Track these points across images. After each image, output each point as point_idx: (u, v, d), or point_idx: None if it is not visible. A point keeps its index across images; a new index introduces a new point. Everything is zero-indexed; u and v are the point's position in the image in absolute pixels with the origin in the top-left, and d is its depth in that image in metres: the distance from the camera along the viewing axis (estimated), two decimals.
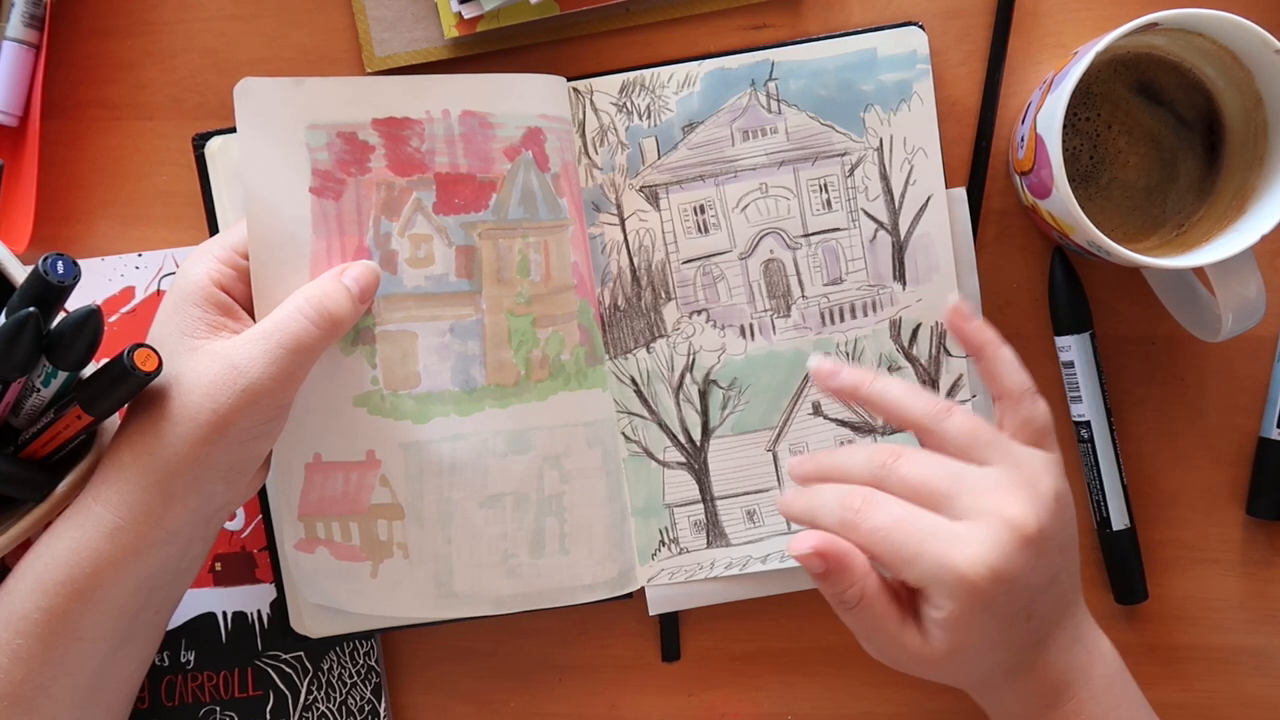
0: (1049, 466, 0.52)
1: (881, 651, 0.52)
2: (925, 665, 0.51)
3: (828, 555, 0.50)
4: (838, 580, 0.50)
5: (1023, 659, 0.51)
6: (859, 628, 0.52)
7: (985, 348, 0.54)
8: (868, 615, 0.50)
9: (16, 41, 0.59)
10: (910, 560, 0.49)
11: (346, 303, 0.53)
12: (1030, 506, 0.49)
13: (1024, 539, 0.48)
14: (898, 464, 0.51)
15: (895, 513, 0.50)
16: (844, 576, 0.50)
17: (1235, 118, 0.58)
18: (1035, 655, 0.51)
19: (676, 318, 0.61)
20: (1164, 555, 0.63)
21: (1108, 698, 0.52)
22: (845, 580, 0.50)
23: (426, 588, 0.58)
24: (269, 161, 0.54)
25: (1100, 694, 0.52)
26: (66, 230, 0.62)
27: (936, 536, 0.48)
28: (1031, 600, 0.50)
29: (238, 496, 0.54)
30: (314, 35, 0.61)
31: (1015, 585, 0.48)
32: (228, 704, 0.61)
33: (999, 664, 0.51)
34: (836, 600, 0.51)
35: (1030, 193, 0.58)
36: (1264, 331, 0.62)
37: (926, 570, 0.48)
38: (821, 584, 0.51)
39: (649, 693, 0.63)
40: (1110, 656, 0.53)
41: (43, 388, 0.50)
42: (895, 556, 0.49)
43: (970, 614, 0.49)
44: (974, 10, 0.62)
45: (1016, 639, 0.50)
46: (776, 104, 0.60)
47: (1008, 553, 0.48)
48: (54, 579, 0.49)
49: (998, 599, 0.48)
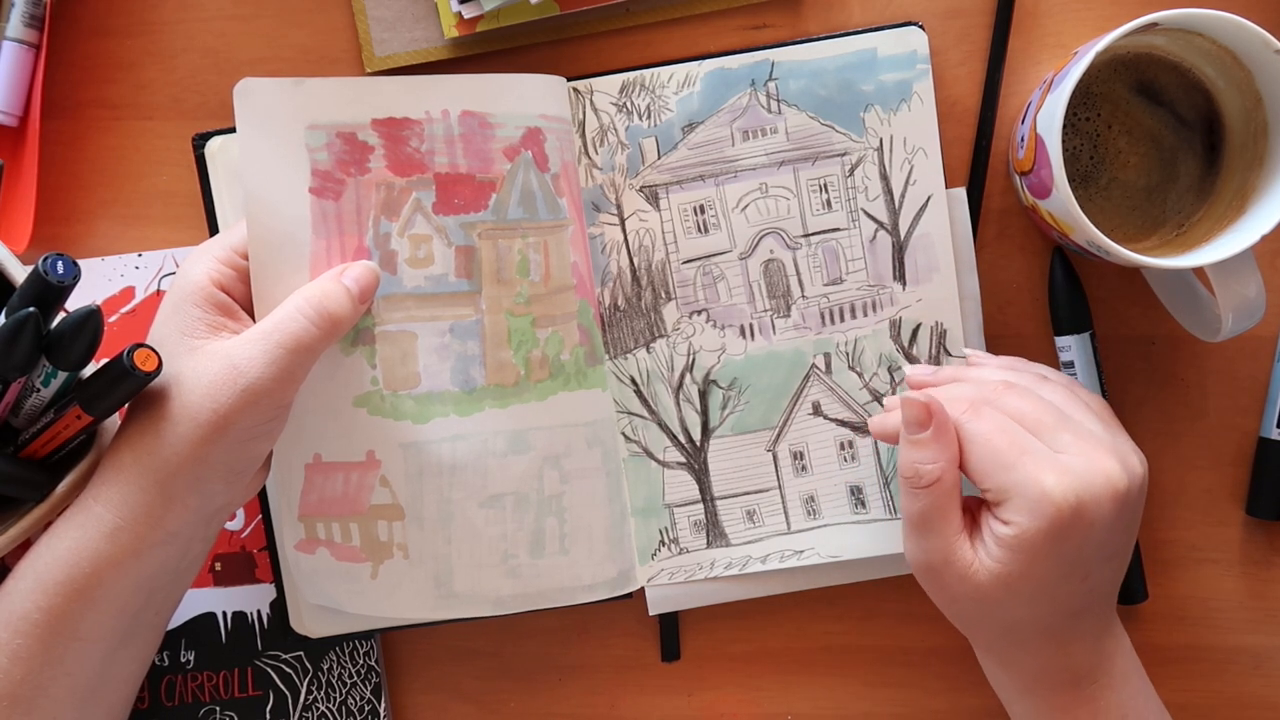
0: (1138, 455, 0.52)
1: (926, 554, 0.51)
2: (964, 585, 0.50)
3: (936, 411, 0.50)
4: (931, 444, 0.50)
5: (1062, 624, 0.51)
6: (919, 516, 0.51)
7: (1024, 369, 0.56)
8: (936, 500, 0.50)
9: (16, 41, 0.59)
10: (1007, 466, 0.49)
11: (346, 303, 0.53)
12: (1124, 470, 0.50)
13: (1114, 493, 0.49)
14: (1009, 392, 0.51)
15: (1002, 423, 0.50)
16: (938, 442, 0.50)
17: (1235, 118, 0.58)
18: (1073, 627, 0.51)
19: (676, 318, 0.61)
20: (1164, 555, 0.63)
21: (1125, 690, 0.52)
22: (937, 447, 0.50)
23: (427, 588, 0.58)
24: (269, 162, 0.54)
25: (1119, 686, 0.52)
26: (66, 230, 0.62)
27: (1036, 455, 0.49)
28: (1092, 561, 0.50)
29: (238, 497, 0.54)
30: (314, 35, 0.61)
31: (1089, 533, 0.49)
32: (228, 704, 0.61)
33: (1037, 618, 0.51)
34: (915, 471, 0.50)
35: (1030, 193, 0.58)
36: (1264, 331, 0.62)
37: (1017, 480, 0.48)
38: (912, 447, 0.50)
39: (649, 693, 0.63)
40: (1131, 654, 0.54)
41: (43, 388, 0.51)
42: (993, 461, 0.49)
43: (1040, 539, 0.48)
44: (974, 10, 0.62)
45: (1065, 596, 0.50)
46: (776, 104, 0.60)
47: (1097, 495, 0.49)
48: (54, 579, 0.49)
49: (1070, 538, 0.48)
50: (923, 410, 0.50)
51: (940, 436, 0.50)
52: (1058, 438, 0.50)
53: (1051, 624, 0.51)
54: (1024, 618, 0.51)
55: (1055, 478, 0.48)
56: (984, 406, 0.51)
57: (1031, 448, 0.49)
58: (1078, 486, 0.48)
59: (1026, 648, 0.52)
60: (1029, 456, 0.49)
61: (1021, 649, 0.52)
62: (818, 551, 0.61)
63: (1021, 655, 0.53)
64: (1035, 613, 0.51)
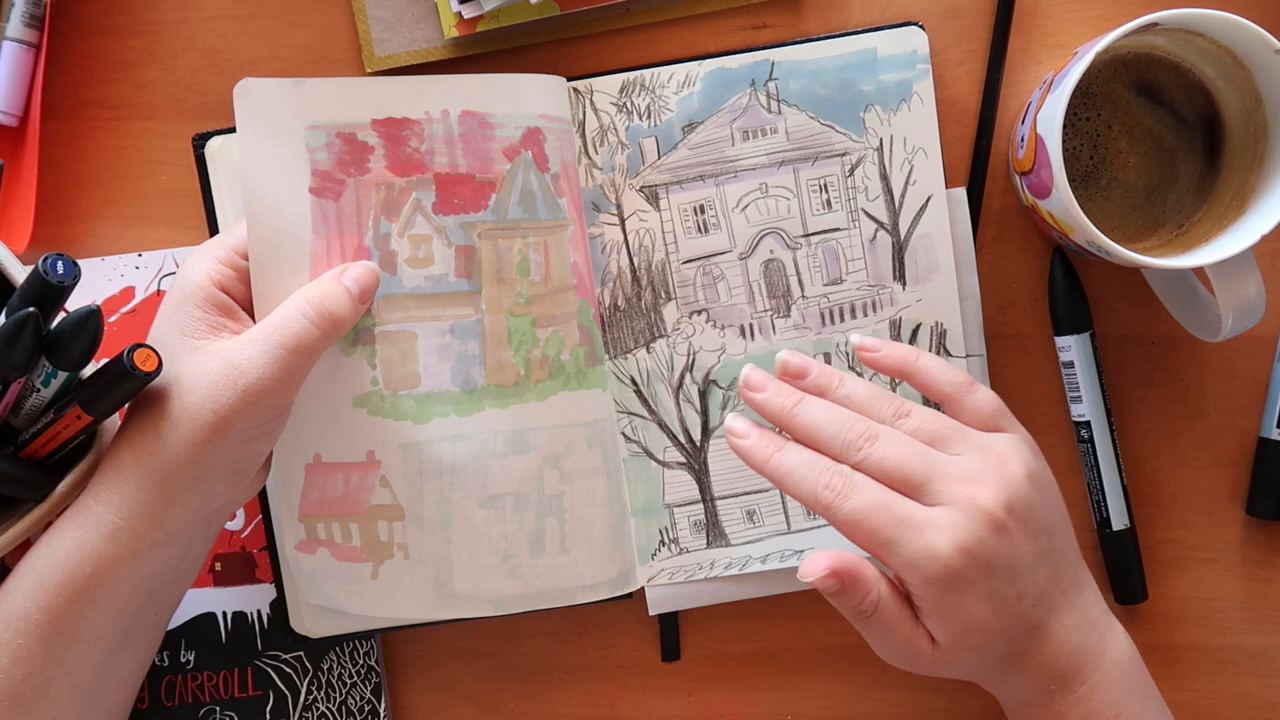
0: (1016, 446, 0.52)
1: (897, 656, 0.52)
2: (938, 663, 0.52)
3: (842, 573, 0.50)
4: (854, 593, 0.51)
5: (1024, 643, 0.51)
6: (875, 636, 0.52)
7: (904, 363, 0.55)
8: (884, 621, 0.51)
9: (16, 41, 0.59)
10: (887, 544, 0.49)
11: (346, 303, 0.53)
12: (998, 489, 0.50)
13: (993, 521, 0.49)
14: (873, 448, 0.51)
15: (873, 496, 0.50)
16: (859, 588, 0.51)
17: (1235, 118, 0.58)
18: (1037, 639, 0.51)
19: (676, 318, 0.61)
20: (1164, 555, 0.63)
21: (1119, 684, 0.52)
22: (860, 591, 0.51)
23: (427, 589, 0.58)
24: (269, 162, 0.54)
25: (1112, 680, 0.52)
26: (66, 230, 0.62)
27: (911, 522, 0.49)
28: (1018, 581, 0.50)
29: (238, 497, 0.54)
30: (314, 35, 0.61)
31: (993, 566, 0.49)
32: (228, 704, 0.61)
33: (1000, 651, 0.51)
34: (854, 612, 0.51)
35: (1030, 193, 0.58)
36: (1264, 331, 0.62)
37: (904, 555, 0.49)
38: (838, 600, 0.51)
39: (649, 693, 0.63)
40: (1124, 644, 0.53)
41: (43, 388, 0.50)
42: (872, 540, 0.50)
43: (951, 597, 0.49)
44: (974, 10, 0.62)
45: (1011, 622, 0.51)
46: (776, 104, 0.60)
47: (978, 535, 0.49)
48: (54, 579, 0.49)
49: (976, 581, 0.49)
50: (831, 580, 0.50)
51: (857, 580, 0.51)
52: (928, 490, 0.50)
53: (1018, 648, 0.52)
54: (991, 656, 0.52)
55: (934, 538, 0.49)
56: (852, 478, 0.50)
57: (906, 515, 0.50)
58: (957, 538, 0.49)
59: (1009, 675, 0.53)
60: (905, 527, 0.49)
61: (1005, 678, 0.53)
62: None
63: (1008, 683, 0.53)
64: (996, 647, 0.51)
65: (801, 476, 0.51)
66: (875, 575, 0.51)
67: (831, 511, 0.50)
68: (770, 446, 0.53)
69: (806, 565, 0.51)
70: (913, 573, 0.49)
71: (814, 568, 0.51)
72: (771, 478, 0.53)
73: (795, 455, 0.52)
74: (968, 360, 0.61)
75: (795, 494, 0.52)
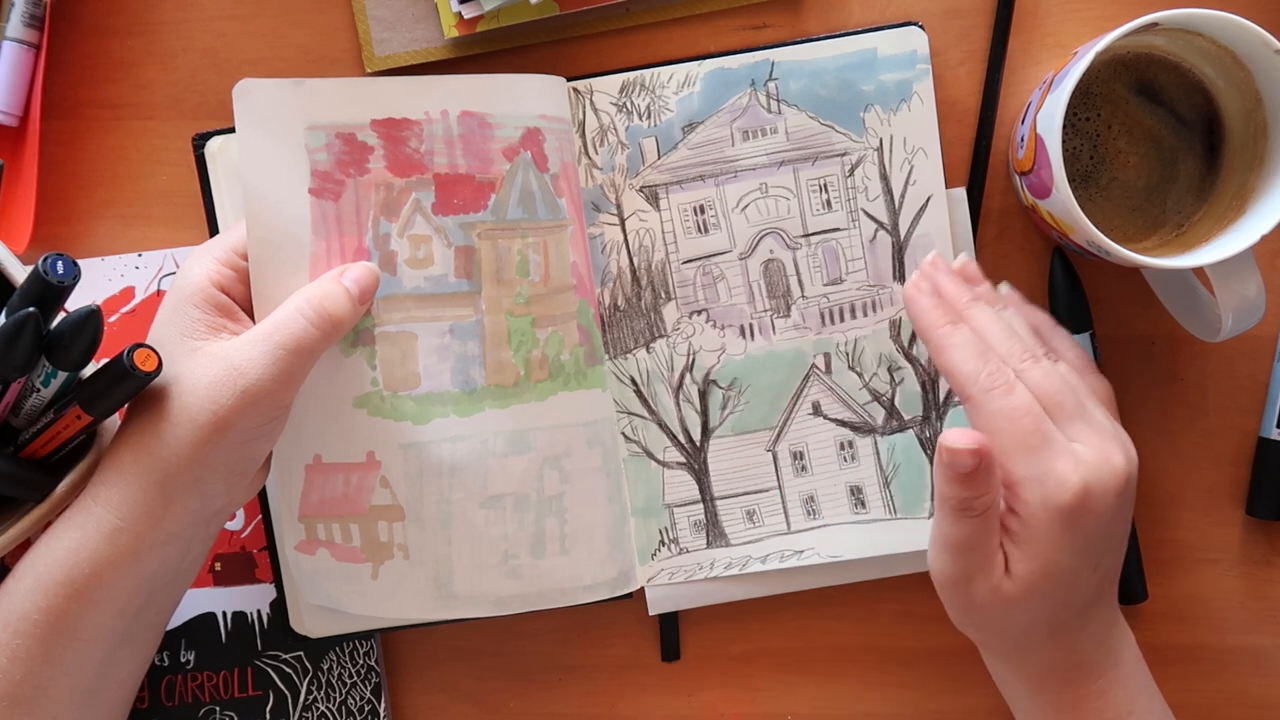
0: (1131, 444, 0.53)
1: (962, 569, 0.51)
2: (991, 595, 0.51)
3: (983, 454, 0.49)
4: (980, 481, 0.49)
5: (1072, 621, 0.52)
6: (963, 539, 0.50)
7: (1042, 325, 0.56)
8: (984, 524, 0.50)
9: (16, 41, 0.59)
10: (1029, 450, 0.49)
11: (346, 303, 0.53)
12: (1127, 461, 0.51)
13: (1119, 484, 0.50)
14: (1033, 368, 0.51)
15: (1031, 403, 0.50)
16: (987, 478, 0.49)
17: (1235, 118, 0.58)
18: (1082, 623, 0.52)
19: (676, 318, 0.61)
20: (1164, 555, 0.63)
21: (1132, 684, 0.53)
22: (986, 482, 0.49)
23: (427, 589, 0.58)
24: (268, 162, 0.54)
25: (1126, 680, 0.53)
26: (66, 230, 0.62)
27: (1056, 443, 0.50)
28: (1101, 551, 0.51)
29: (238, 498, 0.54)
30: (314, 35, 0.61)
31: (1098, 522, 0.50)
32: (228, 704, 0.61)
33: (1051, 617, 0.51)
34: (966, 504, 0.50)
35: (1030, 193, 0.58)
36: (1264, 331, 0.62)
37: (1038, 469, 0.49)
38: (960, 485, 0.49)
39: (649, 693, 0.63)
40: (1135, 648, 0.54)
41: (43, 388, 0.51)
42: (1016, 442, 0.50)
43: (1054, 531, 0.49)
44: (974, 10, 0.61)
45: (1079, 588, 0.51)
46: (776, 104, 0.60)
47: (1105, 485, 0.49)
48: (54, 579, 0.50)
49: (1081, 526, 0.49)
50: (969, 457, 0.49)
51: (990, 470, 0.49)
52: (1072, 425, 0.51)
53: (1063, 621, 0.52)
54: (1039, 619, 0.51)
55: (1070, 465, 0.49)
56: (1017, 382, 0.51)
57: (1051, 434, 0.50)
58: (1088, 475, 0.49)
59: (1039, 649, 0.53)
60: (1049, 443, 0.50)
61: (1033, 651, 0.53)
62: (817, 551, 0.61)
63: (1032, 657, 0.53)
64: (1051, 611, 0.51)
65: (966, 355, 0.51)
66: (998, 477, 0.50)
67: (988, 397, 0.50)
68: (946, 315, 0.53)
69: (951, 435, 0.49)
70: (1037, 489, 0.49)
71: (961, 440, 0.49)
72: (934, 343, 0.52)
73: (967, 334, 0.52)
74: None
75: (954, 368, 0.51)
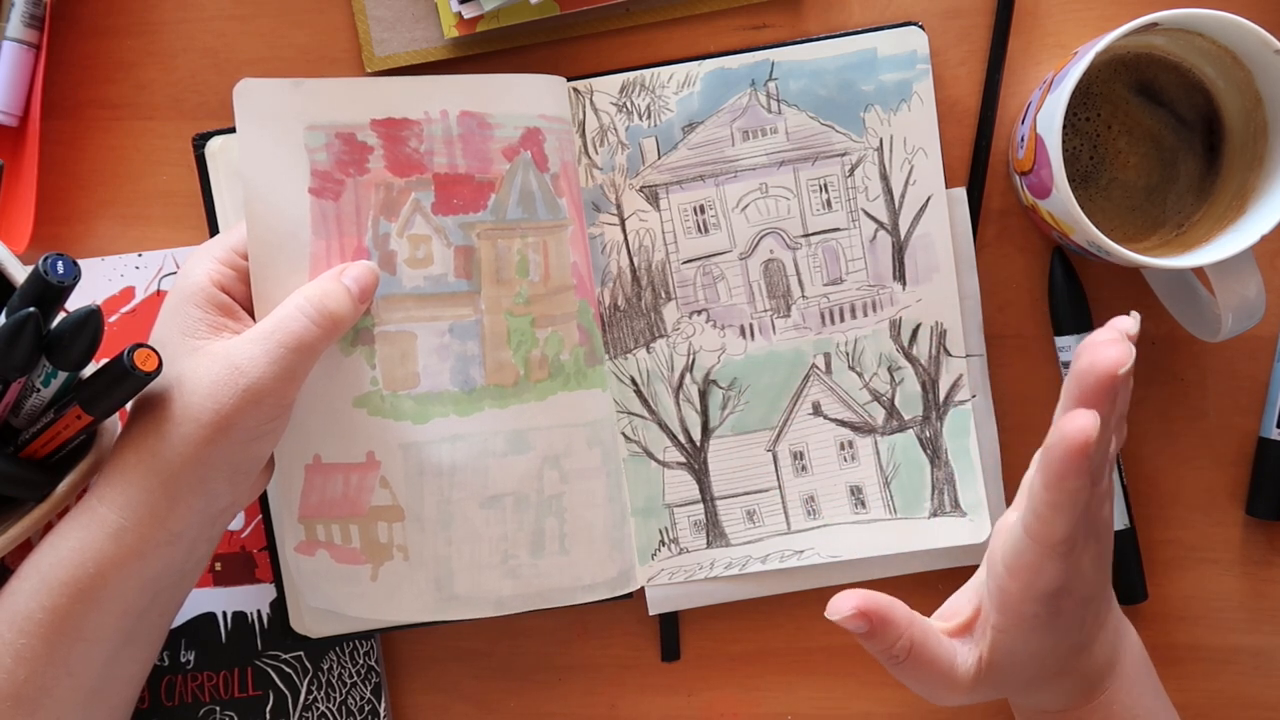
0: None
1: (934, 695, 0.51)
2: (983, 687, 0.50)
3: (871, 613, 0.48)
4: (884, 636, 0.49)
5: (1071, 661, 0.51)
6: (912, 679, 0.50)
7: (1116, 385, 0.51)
8: (918, 664, 0.49)
9: (16, 41, 0.59)
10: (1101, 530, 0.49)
11: (347, 302, 0.53)
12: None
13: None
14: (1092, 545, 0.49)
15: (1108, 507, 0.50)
16: (889, 631, 0.48)
17: (1235, 118, 0.58)
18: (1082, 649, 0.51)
19: (676, 318, 0.61)
20: (1164, 555, 0.63)
21: (1138, 684, 0.53)
22: (891, 635, 0.49)
23: (427, 590, 0.58)
24: (268, 162, 0.54)
25: (1131, 682, 0.52)
26: (66, 230, 0.62)
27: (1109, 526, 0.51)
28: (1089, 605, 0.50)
29: (242, 497, 0.54)
30: (314, 35, 0.61)
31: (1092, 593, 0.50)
32: (228, 704, 0.61)
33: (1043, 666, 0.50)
34: (886, 656, 0.49)
35: (1030, 193, 0.58)
36: (1264, 331, 0.62)
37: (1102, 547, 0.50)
38: (867, 643, 0.49)
39: (649, 693, 0.63)
40: (1138, 644, 0.54)
41: (43, 388, 0.51)
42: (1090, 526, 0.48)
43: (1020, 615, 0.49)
44: (974, 10, 0.61)
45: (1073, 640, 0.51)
46: (776, 104, 0.60)
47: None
48: (58, 579, 0.50)
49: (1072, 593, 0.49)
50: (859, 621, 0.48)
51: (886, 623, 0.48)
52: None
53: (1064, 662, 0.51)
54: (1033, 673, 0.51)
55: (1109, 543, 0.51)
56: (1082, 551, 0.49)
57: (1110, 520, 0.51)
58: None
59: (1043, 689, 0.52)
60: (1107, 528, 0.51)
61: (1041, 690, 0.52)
62: (818, 551, 0.61)
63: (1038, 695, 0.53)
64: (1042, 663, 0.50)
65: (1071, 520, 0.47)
66: (907, 617, 0.49)
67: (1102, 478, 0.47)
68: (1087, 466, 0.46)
69: (834, 604, 0.49)
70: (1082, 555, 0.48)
71: (842, 607, 0.48)
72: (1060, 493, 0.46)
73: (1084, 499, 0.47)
74: (968, 360, 0.61)
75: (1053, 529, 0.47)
